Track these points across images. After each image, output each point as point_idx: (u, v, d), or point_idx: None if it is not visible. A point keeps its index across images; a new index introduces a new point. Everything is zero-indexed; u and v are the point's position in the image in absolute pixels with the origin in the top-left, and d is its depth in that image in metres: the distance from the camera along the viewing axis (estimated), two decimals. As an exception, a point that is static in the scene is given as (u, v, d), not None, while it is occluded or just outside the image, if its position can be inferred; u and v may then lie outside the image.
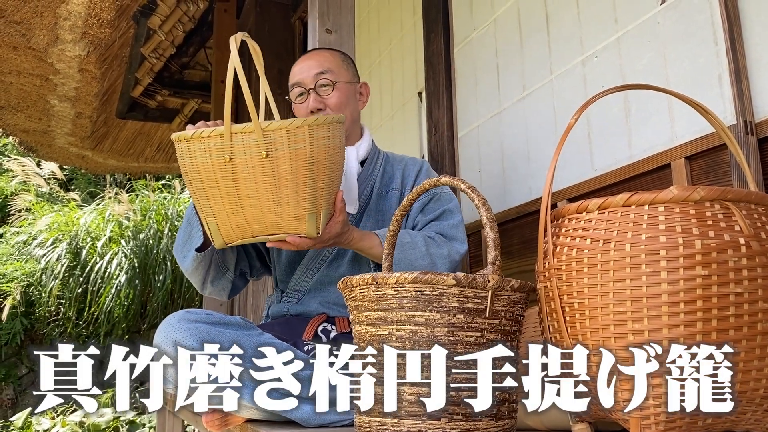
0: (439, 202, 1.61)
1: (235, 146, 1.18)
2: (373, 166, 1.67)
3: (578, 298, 0.93)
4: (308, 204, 1.25)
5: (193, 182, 1.24)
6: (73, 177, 9.24)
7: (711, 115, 1.06)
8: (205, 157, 1.19)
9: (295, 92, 1.61)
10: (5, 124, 4.59)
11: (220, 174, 1.19)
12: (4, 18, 3.16)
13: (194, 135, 1.20)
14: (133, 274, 6.32)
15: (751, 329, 0.86)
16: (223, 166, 1.19)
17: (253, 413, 1.27)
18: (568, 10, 1.85)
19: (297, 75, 1.62)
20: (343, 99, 1.60)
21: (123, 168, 5.88)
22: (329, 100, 1.58)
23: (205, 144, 1.19)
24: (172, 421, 3.41)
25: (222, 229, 1.26)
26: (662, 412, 0.86)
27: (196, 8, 3.60)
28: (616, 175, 1.63)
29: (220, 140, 1.18)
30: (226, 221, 1.25)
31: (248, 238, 1.27)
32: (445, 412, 0.94)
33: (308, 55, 1.66)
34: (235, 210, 1.22)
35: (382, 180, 1.66)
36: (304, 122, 1.21)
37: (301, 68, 1.62)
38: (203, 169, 1.20)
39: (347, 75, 1.64)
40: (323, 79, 1.58)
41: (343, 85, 1.61)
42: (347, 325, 1.45)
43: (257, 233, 1.26)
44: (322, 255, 1.55)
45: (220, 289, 1.59)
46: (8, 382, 6.42)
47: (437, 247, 1.46)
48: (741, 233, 0.88)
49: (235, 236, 1.26)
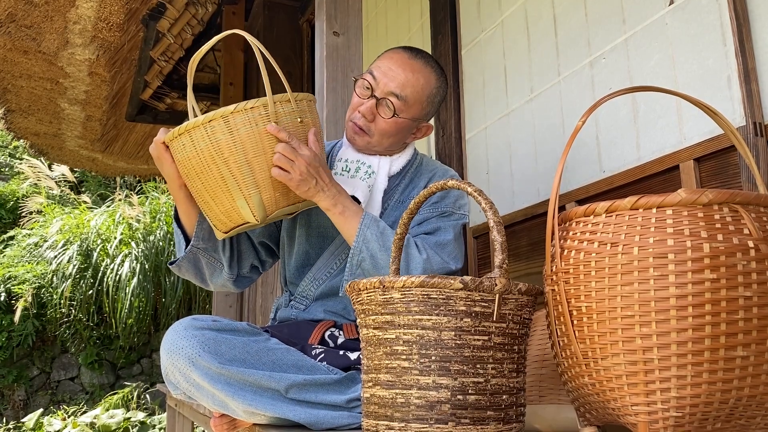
0: (440, 219, 1.50)
1: (279, 113, 1.29)
2: (401, 178, 1.58)
3: (586, 302, 0.93)
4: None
5: (229, 160, 1.25)
6: (83, 179, 9.30)
7: (720, 116, 1.06)
8: (250, 128, 1.26)
9: (363, 82, 1.48)
10: (16, 128, 4.63)
11: (267, 142, 1.27)
12: (15, 22, 3.18)
13: (236, 109, 1.26)
14: (144, 276, 6.35)
15: (761, 333, 0.86)
16: (268, 133, 1.28)
17: (261, 418, 1.27)
18: (575, 11, 1.85)
19: (378, 69, 1.48)
20: (393, 130, 1.49)
21: (133, 170, 5.91)
22: (380, 121, 1.47)
23: (250, 115, 1.27)
24: (182, 423, 3.43)
25: (266, 199, 1.30)
26: (670, 416, 0.85)
27: (204, 11, 3.62)
28: (624, 177, 1.62)
29: (264, 110, 1.28)
30: (270, 190, 1.30)
31: (287, 206, 1.33)
32: (453, 416, 0.94)
33: (406, 62, 1.48)
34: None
35: (404, 192, 1.57)
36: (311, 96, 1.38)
37: (388, 69, 1.47)
38: (249, 141, 1.26)
39: (418, 112, 1.50)
40: (391, 101, 1.45)
41: (404, 121, 1.48)
42: (354, 332, 1.45)
43: (295, 200, 1.34)
44: (331, 266, 1.53)
45: (222, 285, 1.56)
46: (20, 384, 6.47)
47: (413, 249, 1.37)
48: (750, 236, 0.87)
49: (275, 206, 1.32)
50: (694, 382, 0.85)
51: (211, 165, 1.27)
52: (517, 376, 1.01)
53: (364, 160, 1.54)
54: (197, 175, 1.29)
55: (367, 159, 1.54)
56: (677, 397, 0.85)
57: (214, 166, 1.27)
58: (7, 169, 9.28)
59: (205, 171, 1.28)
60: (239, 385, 1.24)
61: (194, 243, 1.45)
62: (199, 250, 1.46)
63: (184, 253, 1.46)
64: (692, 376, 0.84)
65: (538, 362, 1.28)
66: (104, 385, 6.67)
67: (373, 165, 1.53)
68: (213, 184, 1.29)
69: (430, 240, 1.44)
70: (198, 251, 1.46)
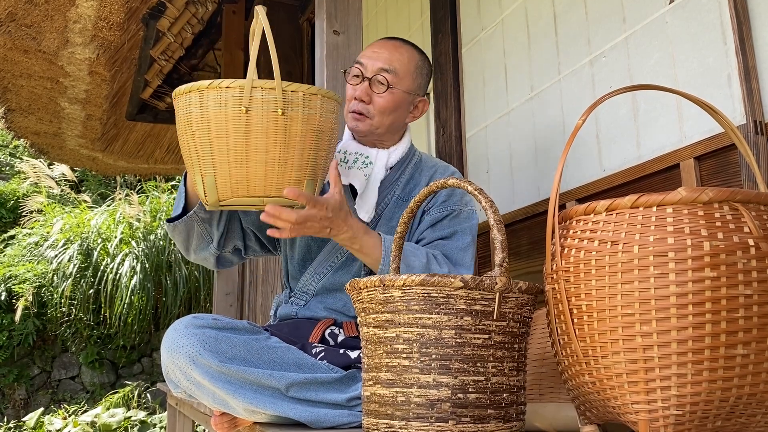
0: (453, 221, 1.52)
1: (254, 99, 1.22)
2: (401, 172, 1.59)
3: (586, 300, 0.93)
4: (309, 170, 1.28)
5: (196, 134, 1.24)
6: (83, 178, 9.31)
7: (720, 115, 1.06)
8: (218, 107, 1.22)
9: (353, 71, 1.54)
10: (17, 127, 4.63)
11: (232, 125, 1.22)
12: (15, 21, 3.18)
13: (211, 85, 1.22)
14: (145, 276, 6.36)
15: (761, 331, 0.86)
16: (237, 117, 1.22)
17: (261, 417, 1.27)
18: (575, 10, 1.85)
19: (365, 57, 1.54)
20: (391, 105, 1.52)
21: (133, 169, 5.90)
22: (377, 98, 1.52)
23: (222, 94, 1.22)
24: (182, 422, 3.43)
25: (219, 183, 1.25)
26: (671, 414, 0.85)
27: (204, 10, 3.61)
28: (624, 176, 1.62)
29: (239, 92, 1.22)
30: (226, 175, 1.24)
31: (243, 197, 1.27)
32: (453, 415, 0.94)
33: (386, 43, 1.57)
34: (240, 164, 1.23)
35: (405, 187, 1.58)
36: (318, 91, 1.27)
37: (372, 53, 1.54)
38: (214, 119, 1.22)
39: (410, 84, 1.55)
40: (383, 76, 1.51)
41: (398, 92, 1.52)
42: (355, 330, 1.45)
43: (253, 193, 1.26)
44: (331, 260, 1.53)
45: (203, 259, 1.56)
46: (21, 383, 6.48)
47: (438, 266, 1.40)
48: (750, 234, 0.87)
49: (231, 193, 1.26)
50: (695, 380, 0.85)
51: (183, 135, 1.27)
52: (518, 375, 1.01)
53: (362, 151, 1.57)
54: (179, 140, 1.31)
55: (365, 150, 1.57)
56: (678, 395, 0.85)
57: (185, 136, 1.27)
58: (8, 168, 9.28)
59: (182, 138, 1.28)
60: (240, 383, 1.24)
61: (197, 210, 1.45)
62: (198, 219, 1.47)
63: (186, 218, 1.46)
64: (693, 374, 0.85)
65: (538, 361, 1.29)
66: (105, 384, 6.67)
67: (371, 156, 1.56)
68: (184, 153, 1.29)
69: (450, 246, 1.47)
70: (196, 219, 1.47)
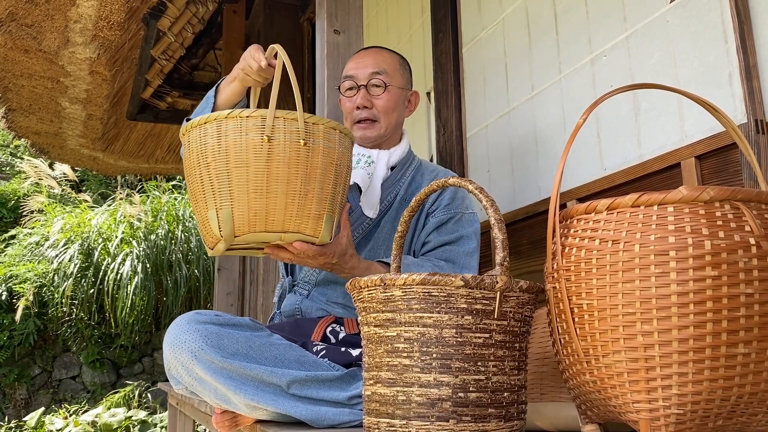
0: (458, 224, 1.56)
1: (276, 128, 1.21)
2: (403, 173, 1.64)
3: (587, 299, 0.93)
4: (328, 205, 1.26)
5: (211, 165, 1.21)
6: (84, 178, 9.31)
7: (721, 113, 1.05)
8: (238, 136, 1.20)
9: (345, 85, 1.61)
10: (17, 127, 4.63)
11: (253, 154, 1.20)
12: (16, 21, 3.18)
13: (230, 114, 1.21)
14: (146, 275, 6.36)
15: (762, 330, 0.86)
16: (258, 146, 1.20)
17: (263, 413, 1.27)
18: (576, 9, 1.85)
19: (352, 69, 1.61)
20: (392, 103, 1.59)
21: (134, 169, 5.91)
22: (378, 101, 1.58)
23: (243, 123, 1.20)
24: (183, 421, 3.43)
25: (237, 216, 1.21)
26: (672, 413, 0.85)
27: (205, 10, 3.61)
28: (625, 175, 1.62)
29: (260, 120, 1.21)
30: (244, 208, 1.20)
31: (260, 232, 1.23)
32: (454, 414, 0.94)
33: (368, 51, 1.65)
34: (259, 195, 1.20)
35: (408, 189, 1.62)
36: (338, 126, 1.26)
37: (357, 63, 1.61)
38: (234, 149, 1.20)
39: (401, 80, 1.64)
40: (377, 79, 1.58)
41: (394, 89, 1.60)
42: (356, 326, 1.45)
43: (271, 228, 1.22)
44: None
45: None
46: (21, 382, 6.48)
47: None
48: (751, 233, 0.87)
49: (248, 227, 1.22)
50: (696, 379, 0.84)
51: (195, 168, 1.24)
52: (519, 374, 1.01)
53: (364, 152, 1.62)
54: (188, 177, 1.27)
55: (367, 151, 1.62)
56: (679, 394, 0.85)
57: (198, 169, 1.23)
58: (9, 168, 9.29)
59: (193, 173, 1.25)
60: (241, 379, 1.24)
61: None
62: None
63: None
64: (694, 373, 0.84)
65: (539, 360, 1.28)
66: (105, 383, 6.68)
67: (372, 155, 1.61)
68: (195, 190, 1.25)
69: (456, 251, 1.51)
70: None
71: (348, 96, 1.60)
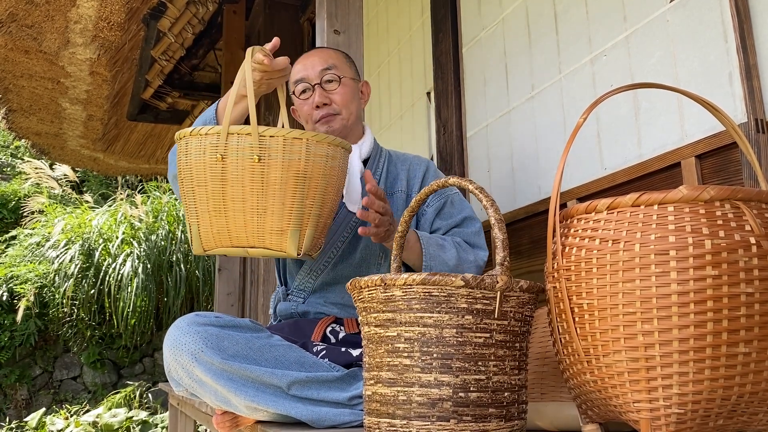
0: (454, 207, 1.61)
1: (229, 146, 1.18)
2: (376, 164, 1.65)
3: (587, 299, 0.93)
4: (293, 219, 1.21)
5: (184, 181, 1.23)
6: (85, 179, 9.32)
7: (721, 113, 1.05)
8: (199, 155, 1.20)
9: (299, 88, 1.60)
10: (18, 127, 4.64)
11: (209, 173, 1.19)
12: (16, 22, 3.18)
13: (193, 132, 1.20)
14: (146, 276, 6.36)
15: (763, 329, 0.86)
16: (213, 165, 1.18)
17: (263, 414, 1.27)
18: (576, 8, 1.85)
19: (301, 71, 1.61)
20: (348, 95, 1.60)
21: (134, 170, 5.91)
22: (335, 95, 1.58)
23: (202, 141, 1.19)
24: (184, 421, 3.43)
25: (202, 233, 1.22)
26: (672, 413, 0.85)
27: (205, 10, 3.62)
28: (626, 174, 1.62)
29: (215, 138, 1.18)
30: (207, 225, 1.21)
31: (227, 247, 1.23)
32: (455, 414, 0.94)
33: (311, 52, 1.67)
34: (219, 213, 1.20)
35: (386, 180, 1.64)
36: (303, 135, 1.20)
37: (305, 65, 1.61)
38: (195, 167, 1.20)
39: (351, 72, 1.65)
40: (329, 74, 1.59)
41: (348, 81, 1.62)
42: (356, 326, 1.45)
43: (237, 243, 1.22)
44: (326, 257, 1.54)
45: None
46: (22, 383, 6.48)
47: (465, 253, 1.49)
48: (752, 233, 0.87)
49: (214, 243, 1.23)
50: (696, 378, 0.84)
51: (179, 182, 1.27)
52: (519, 374, 1.01)
53: None
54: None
55: None
56: (679, 393, 0.85)
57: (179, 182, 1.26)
58: (9, 169, 9.29)
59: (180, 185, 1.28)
60: (242, 380, 1.24)
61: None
62: None
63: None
64: (694, 372, 0.84)
65: (539, 359, 1.28)
66: (106, 384, 6.68)
67: None
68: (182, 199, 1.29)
69: (466, 232, 1.56)
70: None
71: (304, 99, 1.59)
